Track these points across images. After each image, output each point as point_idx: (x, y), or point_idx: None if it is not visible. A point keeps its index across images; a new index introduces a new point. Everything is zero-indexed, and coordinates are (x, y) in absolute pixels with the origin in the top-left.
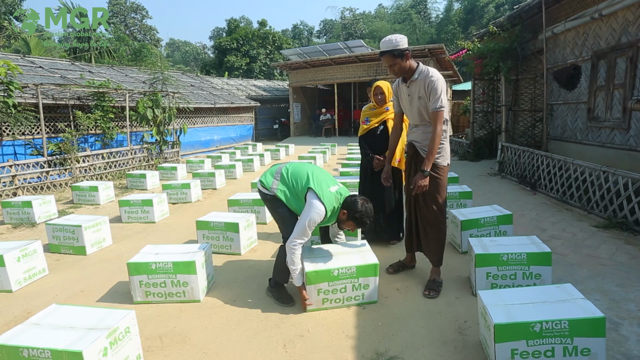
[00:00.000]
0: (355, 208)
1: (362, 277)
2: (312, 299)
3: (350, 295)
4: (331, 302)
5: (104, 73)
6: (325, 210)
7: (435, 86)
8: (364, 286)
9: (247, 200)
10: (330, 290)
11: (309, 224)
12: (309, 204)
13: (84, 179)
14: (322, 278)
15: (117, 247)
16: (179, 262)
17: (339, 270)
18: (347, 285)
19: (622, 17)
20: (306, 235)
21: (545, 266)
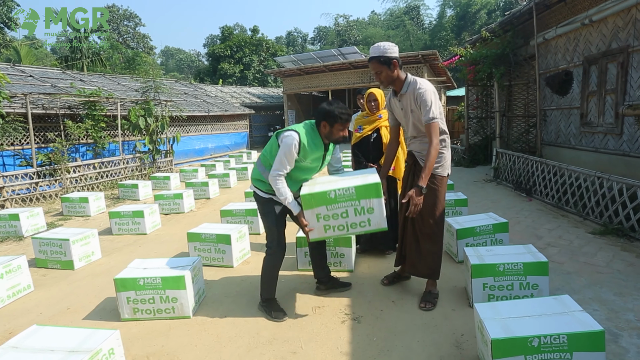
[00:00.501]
0: (327, 110)
1: (364, 199)
2: (313, 226)
3: (354, 221)
4: (334, 229)
5: (95, 81)
6: (298, 134)
7: (424, 98)
8: (368, 210)
9: (240, 211)
10: (330, 215)
11: (286, 153)
12: (281, 139)
13: (75, 189)
14: (319, 201)
15: (106, 260)
16: (168, 277)
17: (336, 192)
18: (349, 209)
19: (612, 22)
20: (284, 166)
21: (543, 276)
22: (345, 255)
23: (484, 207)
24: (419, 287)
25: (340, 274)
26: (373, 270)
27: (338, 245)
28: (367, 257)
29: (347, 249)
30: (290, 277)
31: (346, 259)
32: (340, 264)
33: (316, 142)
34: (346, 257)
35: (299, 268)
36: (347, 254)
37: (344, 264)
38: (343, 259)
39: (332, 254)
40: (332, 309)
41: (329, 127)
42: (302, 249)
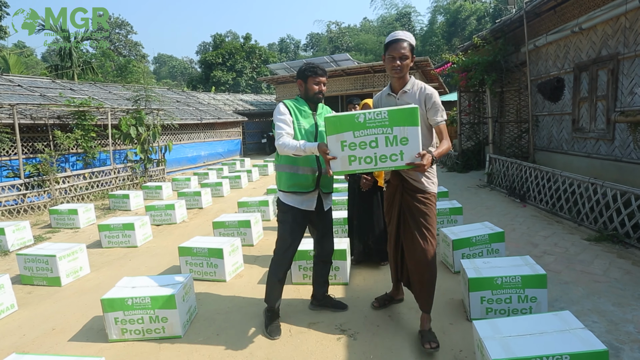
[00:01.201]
0: (299, 70)
1: (397, 127)
2: (336, 155)
3: (384, 152)
4: (360, 161)
5: (86, 90)
6: (284, 104)
7: (435, 100)
8: (402, 140)
9: (233, 222)
10: (357, 143)
11: (279, 119)
12: None
13: (65, 200)
14: (345, 125)
15: (95, 276)
16: (158, 296)
17: (366, 116)
18: (379, 137)
19: (601, 30)
20: (283, 129)
21: (541, 289)
22: (340, 268)
23: (479, 214)
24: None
25: (336, 287)
26: (369, 282)
27: (333, 258)
28: (362, 269)
29: (341, 262)
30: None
31: (341, 271)
32: (335, 277)
33: (300, 104)
34: (341, 270)
35: (293, 282)
36: (341, 267)
37: (339, 276)
38: (338, 272)
39: None
40: (328, 325)
41: (304, 84)
42: (296, 262)
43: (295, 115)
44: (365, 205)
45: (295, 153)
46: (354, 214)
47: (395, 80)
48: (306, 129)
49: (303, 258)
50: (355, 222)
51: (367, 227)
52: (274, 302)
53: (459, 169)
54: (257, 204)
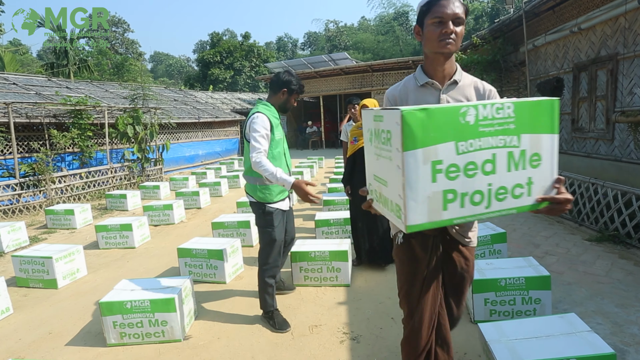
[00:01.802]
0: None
1: (527, 134)
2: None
3: (504, 184)
4: (463, 202)
5: (82, 89)
6: (259, 112)
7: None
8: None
9: (232, 223)
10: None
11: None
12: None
13: (61, 200)
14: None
15: (92, 277)
16: (157, 299)
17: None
18: (498, 152)
19: (600, 30)
20: (260, 144)
21: (545, 290)
22: (341, 270)
23: None
24: None
25: (337, 289)
26: (370, 284)
27: (334, 259)
28: (364, 270)
29: (343, 263)
30: (285, 294)
31: (342, 273)
32: (336, 279)
33: (274, 114)
34: (342, 272)
35: (294, 284)
36: (343, 269)
37: (340, 278)
38: (339, 274)
39: (328, 269)
40: (330, 328)
41: (287, 96)
42: (297, 263)
43: (273, 127)
44: None
45: (267, 177)
46: (358, 215)
47: (439, 62)
48: (280, 139)
49: (304, 259)
50: (359, 223)
51: (373, 228)
52: (273, 305)
53: None
54: None
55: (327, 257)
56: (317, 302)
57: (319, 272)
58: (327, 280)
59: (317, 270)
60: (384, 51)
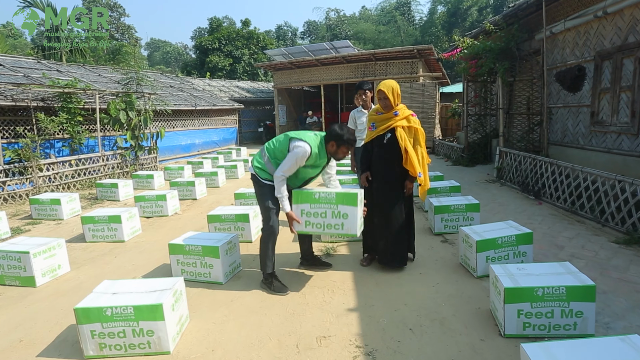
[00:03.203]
0: (338, 134)
1: (341, 205)
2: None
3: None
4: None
5: (74, 72)
6: (310, 146)
7: None
8: (343, 215)
9: (230, 216)
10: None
11: (297, 161)
12: (293, 147)
13: (49, 189)
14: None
15: (75, 275)
16: (142, 305)
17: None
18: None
19: (629, 15)
20: (290, 171)
21: (589, 302)
22: (348, 216)
23: (493, 211)
24: (438, 311)
25: (346, 294)
26: (383, 287)
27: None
28: (375, 272)
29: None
30: (287, 298)
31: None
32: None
33: (322, 154)
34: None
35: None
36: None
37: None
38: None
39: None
40: (340, 340)
41: (335, 147)
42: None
43: (311, 160)
44: (388, 203)
45: (275, 192)
46: (374, 208)
47: None
48: (308, 169)
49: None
50: (375, 218)
51: (389, 225)
52: (272, 268)
53: (464, 162)
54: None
55: (332, 200)
56: (324, 308)
57: (322, 217)
58: (331, 228)
59: (320, 215)
60: (385, 41)
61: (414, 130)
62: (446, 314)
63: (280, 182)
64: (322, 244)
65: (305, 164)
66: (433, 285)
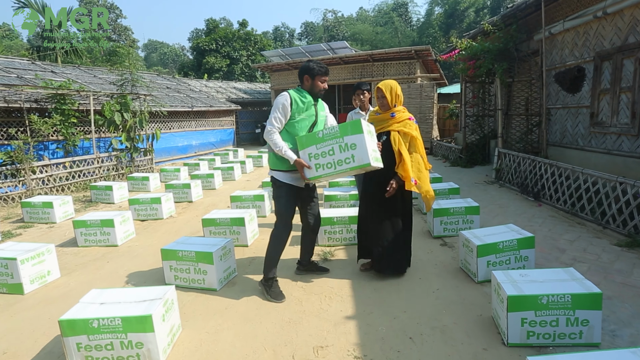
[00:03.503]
0: (307, 66)
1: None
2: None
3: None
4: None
5: (69, 73)
6: (287, 93)
7: None
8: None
9: (225, 220)
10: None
11: (278, 108)
12: None
13: (42, 191)
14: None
15: (65, 281)
16: (131, 317)
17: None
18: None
19: (629, 15)
20: (277, 120)
21: (595, 310)
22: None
23: (492, 213)
24: (439, 318)
25: (344, 301)
26: (382, 294)
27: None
28: (373, 278)
29: None
30: (283, 305)
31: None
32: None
33: (304, 95)
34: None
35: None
36: None
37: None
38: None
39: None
40: (338, 350)
41: (311, 80)
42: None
43: (297, 106)
44: (383, 208)
45: (275, 150)
46: (369, 212)
47: None
48: (304, 119)
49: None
50: (371, 225)
51: (385, 230)
52: (274, 273)
53: (462, 163)
54: (251, 199)
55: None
56: (321, 316)
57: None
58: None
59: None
60: (382, 42)
61: (410, 137)
62: (447, 321)
63: (271, 134)
64: (320, 248)
65: (294, 113)
66: (433, 291)
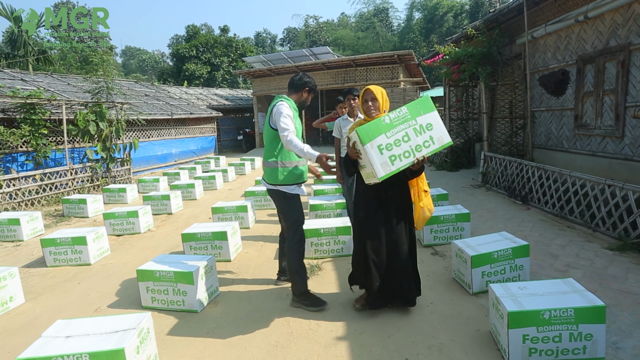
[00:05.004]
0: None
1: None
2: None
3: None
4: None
5: (40, 81)
6: (285, 101)
7: None
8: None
9: (206, 234)
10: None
11: (287, 114)
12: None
13: (9, 207)
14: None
15: (30, 307)
16: (100, 352)
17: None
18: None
19: (609, 19)
20: (289, 124)
21: (598, 324)
22: (346, 242)
23: (482, 218)
24: (435, 336)
25: (334, 323)
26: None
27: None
28: (380, 317)
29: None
30: (270, 327)
31: (347, 245)
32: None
33: (294, 106)
34: (347, 244)
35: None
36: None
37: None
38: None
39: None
40: None
41: (305, 95)
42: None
43: (294, 114)
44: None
45: (297, 153)
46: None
47: None
48: (297, 127)
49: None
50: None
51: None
52: (305, 286)
53: (448, 167)
54: (234, 210)
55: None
56: (310, 338)
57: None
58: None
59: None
60: (364, 48)
61: None
62: (444, 339)
63: (291, 138)
64: (307, 261)
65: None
66: (427, 305)
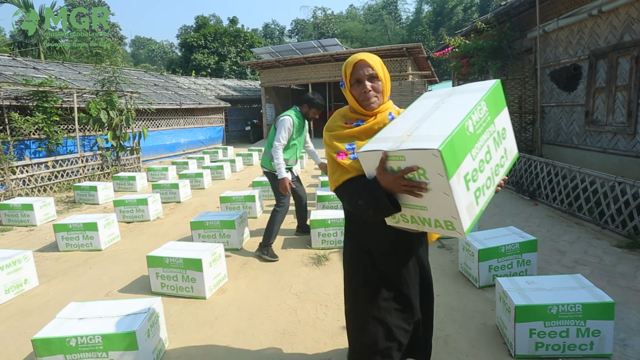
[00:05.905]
0: (311, 98)
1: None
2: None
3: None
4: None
5: (52, 70)
6: (290, 116)
7: None
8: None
9: (215, 222)
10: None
11: (284, 130)
12: (279, 121)
13: (23, 192)
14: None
15: (44, 289)
16: (112, 334)
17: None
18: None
19: (624, 13)
20: (283, 139)
21: (607, 320)
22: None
23: (489, 212)
24: (442, 328)
25: (340, 310)
26: None
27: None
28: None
29: None
30: (278, 315)
31: (509, 137)
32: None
33: (300, 120)
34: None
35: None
36: None
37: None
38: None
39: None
40: None
41: (309, 109)
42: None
43: (295, 128)
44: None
45: (274, 163)
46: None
47: None
48: (298, 138)
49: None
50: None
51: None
52: (271, 242)
53: None
54: (242, 199)
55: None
56: (317, 326)
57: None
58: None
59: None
60: (372, 40)
61: None
62: (450, 330)
63: (277, 151)
64: (313, 251)
65: (293, 134)
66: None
